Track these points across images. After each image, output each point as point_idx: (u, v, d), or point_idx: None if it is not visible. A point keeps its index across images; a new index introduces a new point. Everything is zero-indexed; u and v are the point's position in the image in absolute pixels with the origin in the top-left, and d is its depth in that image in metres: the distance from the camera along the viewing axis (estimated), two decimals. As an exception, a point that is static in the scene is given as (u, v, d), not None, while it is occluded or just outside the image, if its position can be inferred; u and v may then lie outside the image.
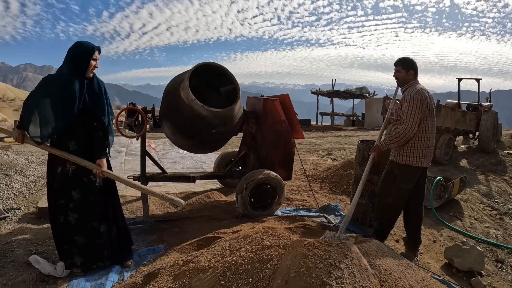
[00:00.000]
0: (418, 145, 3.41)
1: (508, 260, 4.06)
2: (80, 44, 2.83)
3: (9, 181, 5.21)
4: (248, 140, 4.74)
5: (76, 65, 2.76)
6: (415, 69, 3.51)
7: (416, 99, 3.32)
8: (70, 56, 2.78)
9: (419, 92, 3.36)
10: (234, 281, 1.83)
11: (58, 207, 2.87)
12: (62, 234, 2.92)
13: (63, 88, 2.72)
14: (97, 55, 2.86)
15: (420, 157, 3.42)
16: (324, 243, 1.94)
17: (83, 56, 2.78)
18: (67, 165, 2.84)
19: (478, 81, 10.02)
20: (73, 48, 2.80)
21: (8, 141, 11.54)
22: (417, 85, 3.46)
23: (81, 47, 2.81)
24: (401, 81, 3.55)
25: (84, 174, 2.89)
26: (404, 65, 3.51)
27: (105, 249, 3.01)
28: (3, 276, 2.89)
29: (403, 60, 3.54)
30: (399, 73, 3.53)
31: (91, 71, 2.83)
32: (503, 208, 5.69)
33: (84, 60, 2.77)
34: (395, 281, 1.94)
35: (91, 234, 2.95)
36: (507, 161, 8.49)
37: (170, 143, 9.37)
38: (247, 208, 4.17)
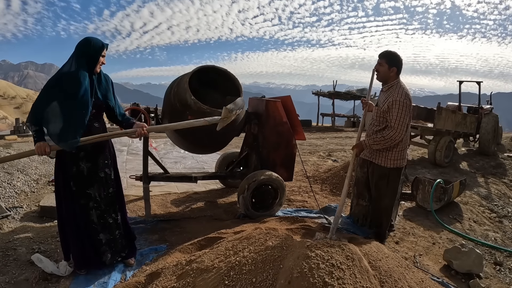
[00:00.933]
0: (403, 148, 3.52)
1: (506, 262, 4.08)
2: (89, 40, 2.83)
3: (11, 180, 5.24)
4: (250, 141, 4.77)
5: (86, 61, 2.77)
6: (398, 66, 3.42)
7: (406, 105, 3.27)
8: (80, 52, 2.78)
9: (407, 97, 3.33)
10: (238, 281, 1.86)
11: (80, 208, 2.88)
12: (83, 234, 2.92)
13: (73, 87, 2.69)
14: (105, 51, 2.89)
15: (404, 158, 3.58)
16: (326, 244, 1.97)
17: (93, 52, 2.79)
18: (81, 163, 2.85)
19: (479, 84, 10.05)
20: (83, 44, 2.81)
21: (9, 139, 11.57)
22: (403, 87, 3.40)
23: (91, 43, 2.81)
24: (381, 76, 3.47)
25: (100, 169, 2.94)
26: (389, 59, 3.39)
27: (124, 238, 3.12)
28: (6, 274, 2.91)
29: (389, 54, 3.42)
30: (381, 66, 3.42)
31: (99, 67, 2.86)
32: (502, 211, 5.71)
33: (94, 56, 2.80)
34: (395, 282, 1.97)
35: (114, 227, 3.03)
36: (507, 164, 8.51)
37: (171, 143, 9.41)
38: (249, 209, 4.19)
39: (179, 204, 4.95)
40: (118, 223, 3.08)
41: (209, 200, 5.12)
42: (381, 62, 3.43)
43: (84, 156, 2.86)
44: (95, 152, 2.90)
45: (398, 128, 3.29)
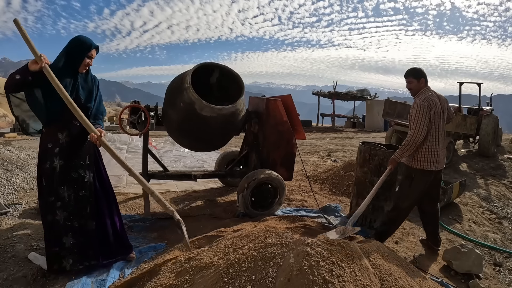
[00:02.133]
0: (430, 150, 3.45)
1: (506, 263, 4.08)
2: (78, 39, 2.81)
3: (10, 176, 5.23)
4: (250, 140, 4.76)
5: (71, 59, 2.77)
6: (425, 76, 3.55)
7: (423, 106, 3.34)
8: (67, 49, 2.79)
9: (427, 99, 3.38)
10: (237, 278, 1.85)
11: (48, 205, 2.79)
12: (50, 234, 2.83)
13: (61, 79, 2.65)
14: (94, 53, 2.85)
15: (433, 161, 3.47)
16: (326, 242, 1.97)
17: (79, 51, 2.77)
18: (55, 159, 2.76)
19: (479, 86, 10.05)
20: (72, 42, 2.80)
21: (9, 136, 11.56)
22: (427, 92, 3.48)
23: (79, 41, 2.79)
24: (414, 91, 3.58)
25: (72, 169, 2.83)
26: (414, 75, 3.55)
27: (91, 248, 2.93)
28: (4, 271, 2.89)
29: (412, 71, 3.58)
30: (411, 83, 3.57)
31: (83, 67, 2.83)
32: (502, 212, 5.71)
33: (79, 55, 2.77)
34: (395, 280, 1.97)
35: (78, 233, 2.87)
36: (506, 166, 8.51)
37: (171, 141, 9.41)
38: (248, 207, 4.19)
39: (179, 202, 4.94)
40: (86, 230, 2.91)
41: (209, 198, 5.11)
42: (410, 80, 3.58)
43: (59, 153, 2.77)
44: (70, 151, 2.81)
45: (414, 129, 3.37)
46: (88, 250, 2.92)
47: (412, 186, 3.58)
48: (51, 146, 2.77)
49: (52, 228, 2.83)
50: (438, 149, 3.47)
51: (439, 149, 3.48)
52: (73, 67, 2.79)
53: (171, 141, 9.51)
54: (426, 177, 3.54)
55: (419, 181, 3.56)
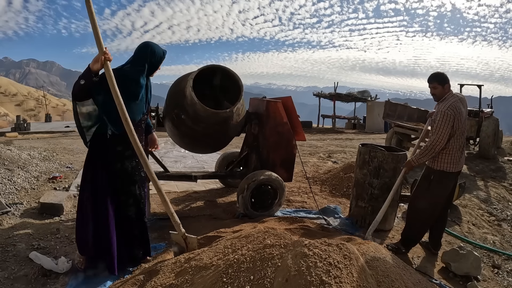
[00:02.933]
0: (452, 152, 3.46)
1: (504, 266, 4.09)
2: (154, 49, 2.94)
3: (12, 176, 5.26)
4: (250, 141, 4.78)
5: (150, 66, 2.93)
6: (449, 82, 3.55)
7: (448, 115, 3.35)
8: (144, 58, 2.89)
9: (451, 107, 3.37)
10: (236, 278, 1.88)
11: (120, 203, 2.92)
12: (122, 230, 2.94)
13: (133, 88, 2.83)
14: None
15: (454, 162, 3.48)
16: (324, 243, 1.99)
17: (159, 59, 2.99)
18: (126, 161, 2.90)
19: (480, 87, 10.07)
20: (148, 51, 2.91)
21: (10, 136, 11.60)
22: (452, 98, 3.47)
23: (155, 50, 2.94)
24: (439, 96, 3.57)
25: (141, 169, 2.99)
26: (440, 80, 3.53)
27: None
28: (5, 270, 2.92)
29: (437, 76, 3.56)
30: (436, 89, 3.55)
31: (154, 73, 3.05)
32: (501, 215, 5.72)
33: (156, 65, 3.00)
34: (392, 282, 1.99)
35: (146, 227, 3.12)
36: (507, 168, 8.52)
37: (172, 142, 9.43)
38: (248, 208, 4.21)
39: (179, 203, 4.97)
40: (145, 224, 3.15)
41: (209, 199, 5.14)
42: (434, 86, 3.57)
43: (131, 155, 2.88)
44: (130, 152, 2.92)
45: (436, 135, 3.39)
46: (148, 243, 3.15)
47: (430, 188, 3.57)
48: (121, 149, 2.86)
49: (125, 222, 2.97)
50: (458, 150, 3.47)
51: (460, 150, 3.49)
52: (148, 73, 2.97)
53: (171, 142, 9.54)
54: (446, 179, 3.54)
55: (438, 183, 3.55)
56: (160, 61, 3.01)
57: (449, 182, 3.58)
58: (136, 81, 2.84)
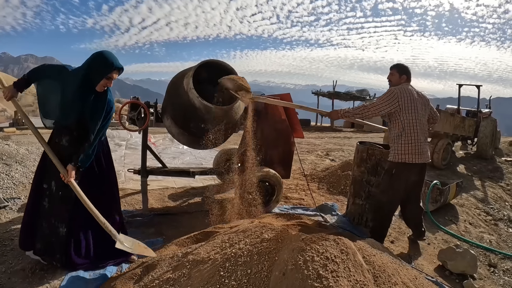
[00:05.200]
0: (409, 142, 3.44)
1: (500, 264, 4.11)
2: (102, 56, 2.69)
3: (9, 171, 5.24)
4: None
5: (90, 75, 2.69)
6: (408, 75, 3.63)
7: (392, 92, 3.48)
8: (89, 63, 2.69)
9: (398, 88, 3.51)
10: (233, 272, 1.88)
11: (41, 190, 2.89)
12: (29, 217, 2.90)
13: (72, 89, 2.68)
14: (115, 75, 2.73)
15: (414, 153, 3.45)
16: (321, 238, 2.00)
17: (99, 69, 2.68)
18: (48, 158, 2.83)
19: (479, 88, 10.09)
20: (95, 57, 2.70)
21: (8, 131, 11.57)
22: (403, 85, 3.57)
23: (101, 59, 2.68)
24: (393, 84, 3.67)
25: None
26: (399, 69, 3.65)
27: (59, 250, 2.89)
28: (3, 264, 2.93)
29: (398, 65, 3.70)
30: (393, 76, 3.68)
31: (100, 87, 2.73)
32: (498, 214, 5.75)
33: (98, 74, 2.68)
34: (389, 277, 2.00)
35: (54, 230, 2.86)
36: (504, 168, 8.55)
37: (170, 138, 9.43)
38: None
39: (176, 198, 4.97)
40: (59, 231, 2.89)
41: (206, 195, 5.13)
42: (393, 72, 3.70)
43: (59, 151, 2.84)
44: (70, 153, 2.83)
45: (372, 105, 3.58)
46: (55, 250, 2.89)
47: (391, 180, 3.58)
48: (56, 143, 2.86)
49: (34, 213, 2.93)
50: (417, 140, 3.44)
51: (419, 140, 3.45)
52: (90, 84, 2.71)
53: (170, 138, 9.53)
54: (407, 170, 3.51)
55: (399, 175, 3.54)
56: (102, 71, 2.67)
57: (410, 174, 3.54)
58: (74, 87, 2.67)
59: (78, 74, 2.70)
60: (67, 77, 2.73)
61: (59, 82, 2.74)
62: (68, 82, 2.71)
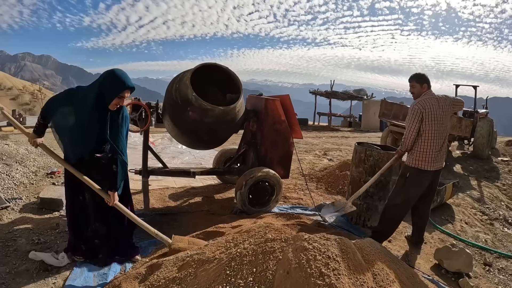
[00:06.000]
0: (426, 150, 3.54)
1: (495, 263, 4.18)
2: (114, 75, 2.69)
3: (10, 171, 5.26)
4: (248, 138, 4.83)
5: (102, 94, 2.68)
6: (428, 82, 3.64)
7: (414, 110, 3.49)
8: (100, 82, 2.69)
9: (420, 102, 3.51)
10: (239, 271, 1.95)
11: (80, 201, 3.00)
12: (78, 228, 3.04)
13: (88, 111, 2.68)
14: (127, 94, 2.73)
15: (429, 161, 3.55)
16: (323, 237, 2.06)
17: (111, 88, 2.67)
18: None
19: (475, 88, 10.17)
20: (107, 76, 2.69)
21: (6, 130, 11.55)
22: (424, 96, 3.58)
23: (113, 78, 2.68)
24: (416, 95, 3.67)
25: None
26: (418, 79, 3.64)
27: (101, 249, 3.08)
28: (6, 265, 2.95)
29: (416, 76, 3.68)
30: (414, 88, 3.67)
31: (113, 106, 2.73)
32: (493, 214, 5.83)
33: (110, 94, 2.67)
34: (387, 275, 2.06)
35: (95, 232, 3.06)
36: (500, 168, 8.64)
37: (169, 138, 9.46)
38: (246, 205, 4.27)
39: (177, 198, 5.01)
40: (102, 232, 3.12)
41: (206, 195, 5.18)
42: (413, 84, 3.69)
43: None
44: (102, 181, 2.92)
45: (406, 131, 3.60)
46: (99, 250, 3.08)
47: (406, 185, 3.65)
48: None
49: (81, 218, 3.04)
50: (433, 149, 3.54)
51: (435, 149, 3.55)
52: (103, 103, 2.70)
53: (169, 137, 9.56)
54: (421, 176, 3.61)
55: (413, 180, 3.62)
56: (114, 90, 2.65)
57: (424, 179, 3.64)
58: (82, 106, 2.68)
59: (89, 93, 2.69)
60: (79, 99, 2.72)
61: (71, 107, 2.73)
62: (82, 103, 2.69)
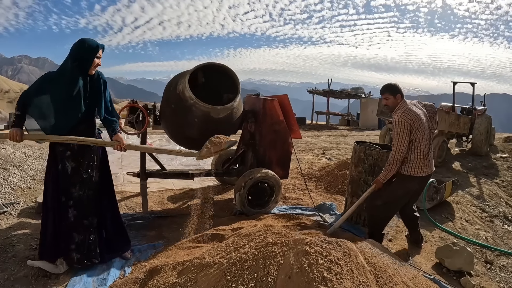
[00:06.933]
0: (416, 158, 3.49)
1: (497, 261, 4.18)
2: (84, 42, 2.81)
3: (7, 175, 5.22)
4: (247, 139, 4.81)
5: (80, 63, 2.77)
6: (401, 92, 3.57)
7: (401, 123, 3.40)
8: (74, 54, 2.78)
9: (404, 114, 3.43)
10: (240, 276, 1.92)
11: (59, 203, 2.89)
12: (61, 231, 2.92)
13: (67, 87, 2.75)
14: (101, 53, 2.88)
15: (419, 167, 3.51)
16: (324, 241, 2.04)
17: (87, 54, 2.78)
18: (67, 162, 2.88)
19: (473, 85, 10.18)
20: (77, 46, 2.80)
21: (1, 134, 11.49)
22: (403, 106, 3.51)
23: (85, 44, 2.80)
24: (392, 107, 3.61)
25: (84, 170, 2.93)
26: (392, 91, 3.57)
27: (98, 245, 3.02)
28: (5, 271, 2.91)
29: (388, 87, 3.61)
30: (388, 100, 3.60)
31: (93, 68, 2.85)
32: (493, 211, 5.82)
33: (88, 59, 2.79)
34: (390, 277, 2.04)
35: (87, 230, 2.97)
36: (499, 165, 8.65)
37: (167, 139, 9.42)
38: (245, 206, 4.25)
39: (176, 200, 4.98)
40: (94, 227, 3.02)
41: (205, 196, 5.15)
42: (386, 96, 3.61)
43: (70, 155, 2.88)
44: (81, 152, 2.91)
45: (394, 147, 3.45)
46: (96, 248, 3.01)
47: (390, 187, 3.61)
48: (62, 149, 2.87)
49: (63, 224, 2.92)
50: (422, 157, 3.49)
51: (425, 157, 3.50)
52: (83, 70, 2.81)
53: (166, 139, 9.52)
54: (408, 181, 3.56)
55: (399, 184, 3.59)
56: (92, 53, 2.79)
57: (411, 184, 3.59)
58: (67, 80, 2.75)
59: (65, 70, 2.77)
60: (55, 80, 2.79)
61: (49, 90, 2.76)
62: (59, 83, 2.76)
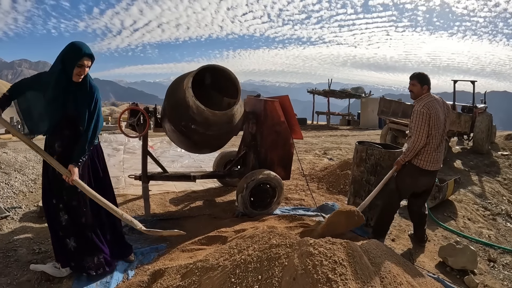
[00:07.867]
0: (428, 152, 3.56)
1: (500, 259, 4.17)
2: (71, 45, 2.69)
3: (9, 180, 5.22)
4: (248, 140, 4.80)
5: (63, 66, 2.66)
6: (429, 84, 3.62)
7: (422, 113, 3.46)
8: (61, 55, 2.69)
9: (426, 105, 3.48)
10: (244, 278, 1.91)
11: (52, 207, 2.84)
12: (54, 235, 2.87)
13: (50, 88, 2.66)
14: (86, 62, 2.68)
15: (429, 161, 3.58)
16: (328, 242, 2.03)
17: (70, 58, 2.65)
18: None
19: (473, 83, 10.18)
20: (65, 48, 2.70)
21: (4, 138, 11.50)
22: (426, 98, 3.56)
23: (70, 48, 2.68)
24: (415, 95, 3.65)
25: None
26: (420, 80, 3.61)
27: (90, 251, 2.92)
28: (8, 275, 2.91)
29: (419, 75, 3.64)
30: (414, 86, 3.63)
31: (75, 76, 2.69)
32: (496, 209, 5.81)
33: (69, 63, 2.65)
34: (394, 277, 2.04)
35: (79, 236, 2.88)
36: (500, 163, 8.63)
37: (168, 141, 9.42)
38: (247, 207, 4.24)
39: (178, 203, 4.97)
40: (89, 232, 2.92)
41: (207, 199, 5.15)
42: (414, 83, 3.65)
43: (57, 159, 2.74)
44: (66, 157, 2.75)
45: (414, 136, 3.51)
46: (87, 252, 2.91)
47: (400, 172, 3.69)
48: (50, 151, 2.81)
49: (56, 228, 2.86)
50: (434, 151, 3.57)
51: (436, 151, 3.58)
52: (67, 76, 2.68)
53: (167, 141, 9.52)
54: (417, 173, 3.62)
55: (408, 171, 3.66)
56: (72, 59, 2.63)
57: (420, 176, 3.65)
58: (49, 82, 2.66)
59: (54, 71, 2.69)
60: (46, 80, 2.73)
61: (40, 89, 2.71)
62: (48, 83, 2.69)
